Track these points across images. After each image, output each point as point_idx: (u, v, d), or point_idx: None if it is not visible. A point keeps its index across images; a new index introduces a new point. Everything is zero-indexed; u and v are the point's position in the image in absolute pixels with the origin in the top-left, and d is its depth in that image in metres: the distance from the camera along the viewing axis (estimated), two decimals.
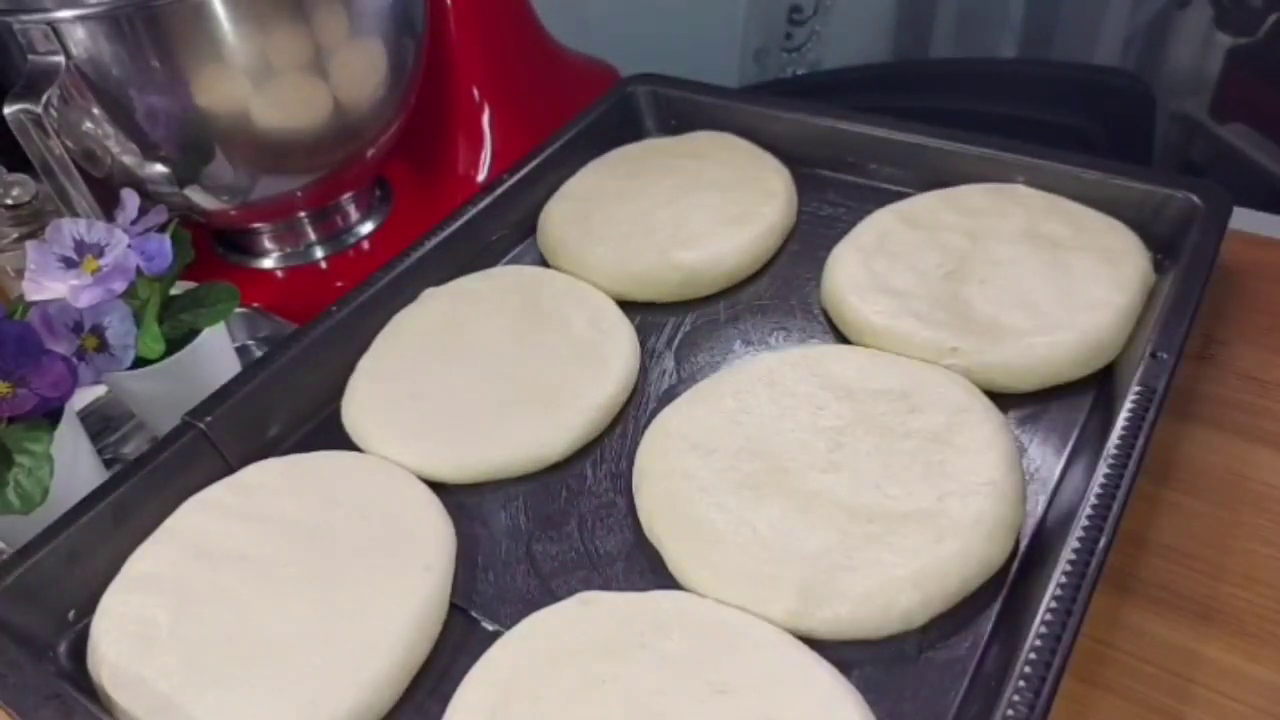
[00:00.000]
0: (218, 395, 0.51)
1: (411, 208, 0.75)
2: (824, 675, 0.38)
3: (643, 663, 0.39)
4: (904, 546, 0.41)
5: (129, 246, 0.50)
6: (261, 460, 0.50)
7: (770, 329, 0.56)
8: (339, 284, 0.69)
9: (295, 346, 0.53)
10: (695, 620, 0.40)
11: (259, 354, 0.62)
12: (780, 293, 0.59)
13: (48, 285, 0.49)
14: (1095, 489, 0.41)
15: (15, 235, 0.65)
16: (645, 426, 0.50)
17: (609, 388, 0.51)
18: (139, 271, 0.50)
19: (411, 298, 0.58)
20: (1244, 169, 0.73)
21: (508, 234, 0.65)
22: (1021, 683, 0.35)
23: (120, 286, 0.49)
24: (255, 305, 0.64)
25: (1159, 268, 0.55)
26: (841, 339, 0.55)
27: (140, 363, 0.52)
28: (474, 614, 0.44)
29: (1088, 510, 0.40)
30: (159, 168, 0.59)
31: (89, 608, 0.44)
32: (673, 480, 0.46)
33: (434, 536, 0.45)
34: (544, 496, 0.49)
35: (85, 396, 0.57)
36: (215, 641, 0.41)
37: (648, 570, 0.44)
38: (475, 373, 0.53)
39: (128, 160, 0.58)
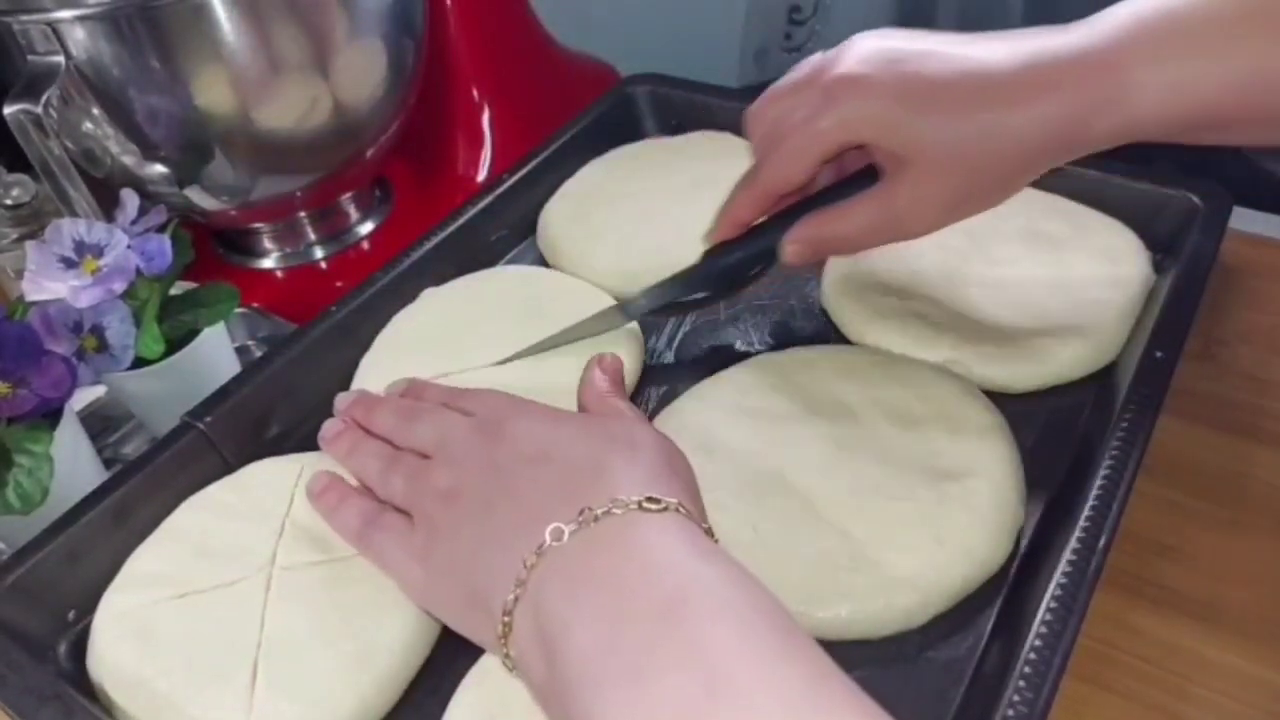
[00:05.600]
0: (218, 395, 0.51)
1: (411, 208, 0.75)
2: None
3: None
4: (904, 547, 0.41)
5: (129, 247, 0.50)
6: (261, 460, 0.50)
7: (770, 329, 0.56)
8: (339, 284, 0.69)
9: (295, 346, 0.53)
10: None
11: (259, 354, 0.62)
12: (780, 293, 0.59)
13: (48, 285, 0.49)
14: (1095, 489, 0.41)
15: (15, 235, 0.65)
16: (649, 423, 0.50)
17: None
18: (139, 271, 0.50)
19: (411, 298, 0.58)
20: (1244, 169, 0.73)
21: (508, 234, 0.65)
22: (1021, 683, 0.35)
23: (120, 287, 0.49)
24: (255, 305, 0.64)
25: (1159, 268, 0.54)
26: (842, 339, 0.55)
27: (140, 363, 0.52)
28: None
29: (1088, 510, 0.40)
30: (159, 168, 0.59)
31: (89, 608, 0.44)
32: None
33: None
34: None
35: (85, 396, 0.57)
36: (215, 641, 0.41)
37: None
38: (477, 373, 0.53)
39: (128, 160, 0.58)
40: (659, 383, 0.54)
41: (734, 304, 0.58)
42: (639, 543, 0.33)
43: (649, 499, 0.34)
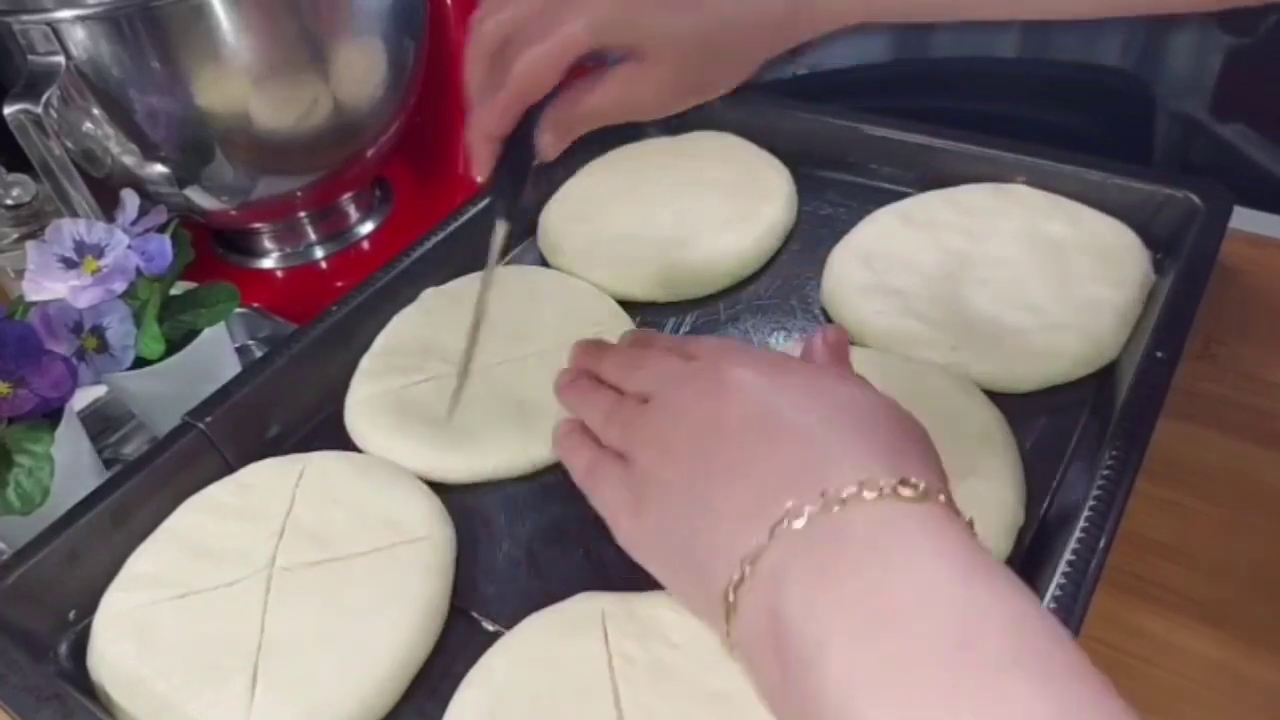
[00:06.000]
0: (218, 395, 0.51)
1: (411, 208, 0.75)
2: None
3: (642, 664, 0.39)
4: None
5: (129, 247, 0.50)
6: (261, 460, 0.50)
7: (770, 329, 0.56)
8: (339, 284, 0.69)
9: (295, 346, 0.53)
10: (695, 622, 0.40)
11: (259, 354, 0.62)
12: (780, 293, 0.59)
13: (48, 285, 0.49)
14: (1095, 489, 0.41)
15: (15, 235, 0.65)
16: None
17: None
18: (139, 272, 0.50)
19: (411, 298, 0.58)
20: (1244, 169, 0.73)
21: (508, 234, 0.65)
22: None
23: (120, 287, 0.49)
24: (255, 305, 0.64)
25: (1159, 268, 0.55)
26: None
27: (140, 363, 0.52)
28: (474, 615, 0.44)
29: (1088, 510, 0.40)
30: (159, 168, 0.59)
31: (89, 608, 0.44)
32: None
33: (434, 537, 0.45)
34: (544, 497, 0.49)
35: (85, 396, 0.57)
36: (215, 642, 0.41)
37: (648, 571, 0.44)
38: (475, 373, 0.53)
39: (128, 160, 0.58)
40: None
41: (734, 304, 0.58)
42: (901, 551, 0.28)
43: (902, 482, 0.29)
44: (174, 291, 0.54)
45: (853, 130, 0.65)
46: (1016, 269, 0.54)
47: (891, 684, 0.26)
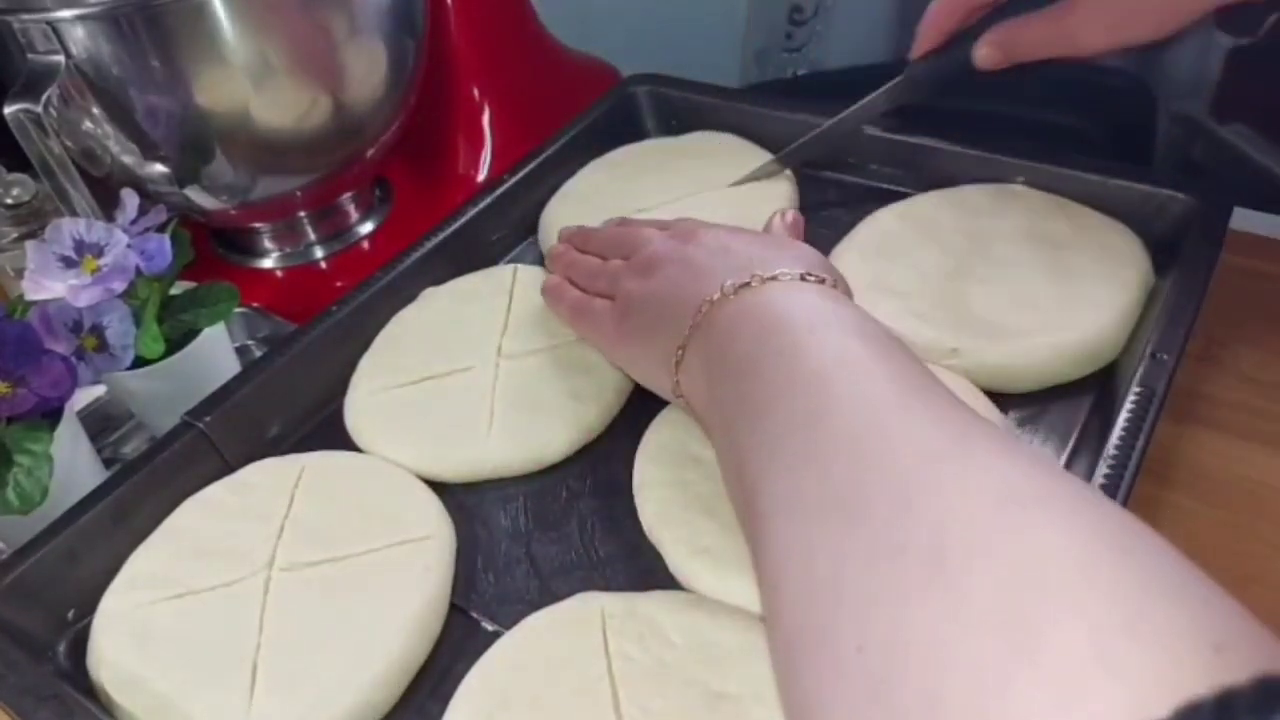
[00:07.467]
0: (218, 395, 0.51)
1: (411, 208, 0.75)
2: None
3: (642, 664, 0.39)
4: None
5: (129, 246, 0.50)
6: (261, 460, 0.50)
7: None
8: (339, 284, 0.69)
9: (295, 346, 0.53)
10: (695, 622, 0.40)
11: (259, 354, 0.62)
12: None
13: (47, 285, 0.49)
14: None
15: (15, 235, 0.65)
16: (646, 425, 0.50)
17: (609, 387, 0.51)
18: (139, 271, 0.50)
19: (411, 297, 0.58)
20: (1244, 169, 0.73)
21: (508, 234, 0.65)
22: None
23: (120, 286, 0.49)
24: (255, 305, 0.64)
25: (1159, 268, 0.54)
26: None
27: (140, 363, 0.52)
28: (474, 614, 0.44)
29: None
30: (159, 168, 0.59)
31: (89, 608, 0.44)
32: (674, 479, 0.46)
33: (434, 537, 0.45)
34: (544, 497, 0.49)
35: (85, 396, 0.57)
36: (215, 641, 0.41)
37: (648, 571, 0.44)
38: (476, 372, 0.53)
39: (128, 160, 0.58)
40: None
41: None
42: (797, 298, 0.39)
43: (817, 279, 0.40)
44: (174, 291, 0.54)
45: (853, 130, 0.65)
46: (1016, 269, 0.54)
47: (768, 335, 0.37)
